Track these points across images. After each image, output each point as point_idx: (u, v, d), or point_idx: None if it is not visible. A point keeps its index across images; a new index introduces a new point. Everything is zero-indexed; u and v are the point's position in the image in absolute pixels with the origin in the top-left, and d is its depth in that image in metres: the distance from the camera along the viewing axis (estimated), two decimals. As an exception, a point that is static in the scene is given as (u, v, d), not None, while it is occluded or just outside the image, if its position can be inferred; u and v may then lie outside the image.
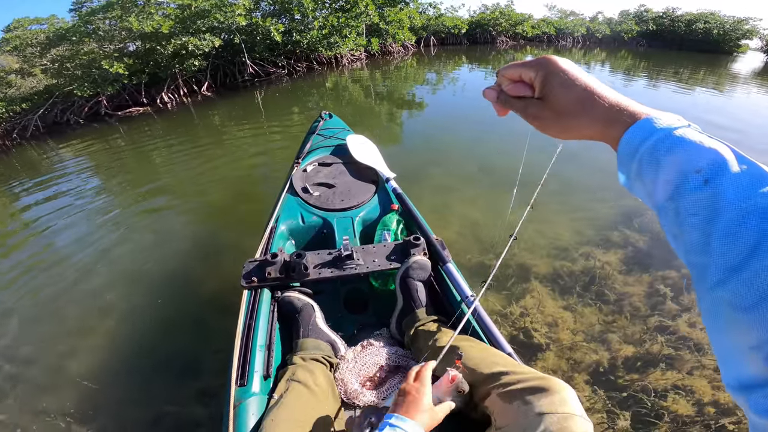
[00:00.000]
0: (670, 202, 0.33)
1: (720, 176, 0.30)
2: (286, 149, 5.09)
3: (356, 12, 11.88)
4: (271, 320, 1.32)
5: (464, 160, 4.40)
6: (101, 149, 6.01)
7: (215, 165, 4.70)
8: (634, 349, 1.89)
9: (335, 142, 2.49)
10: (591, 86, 0.37)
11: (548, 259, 2.53)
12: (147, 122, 7.69)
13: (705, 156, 0.31)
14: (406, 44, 16.06)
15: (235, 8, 9.48)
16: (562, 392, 0.81)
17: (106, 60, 8.17)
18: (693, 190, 0.31)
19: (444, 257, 1.47)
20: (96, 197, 4.06)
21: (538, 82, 0.40)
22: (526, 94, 0.41)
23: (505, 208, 3.16)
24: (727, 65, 17.58)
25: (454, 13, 21.40)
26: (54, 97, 8.33)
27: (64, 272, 2.75)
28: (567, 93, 0.38)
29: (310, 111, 7.06)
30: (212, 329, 2.12)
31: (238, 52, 10.50)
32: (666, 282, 2.28)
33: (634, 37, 26.06)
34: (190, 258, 2.81)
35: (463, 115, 6.55)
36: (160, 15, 8.93)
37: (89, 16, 8.70)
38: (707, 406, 1.68)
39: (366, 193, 1.99)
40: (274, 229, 1.73)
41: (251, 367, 1.13)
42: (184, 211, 3.65)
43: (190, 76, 9.84)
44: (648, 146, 0.34)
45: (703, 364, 1.84)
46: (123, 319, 2.28)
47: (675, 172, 0.32)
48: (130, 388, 1.88)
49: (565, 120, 0.39)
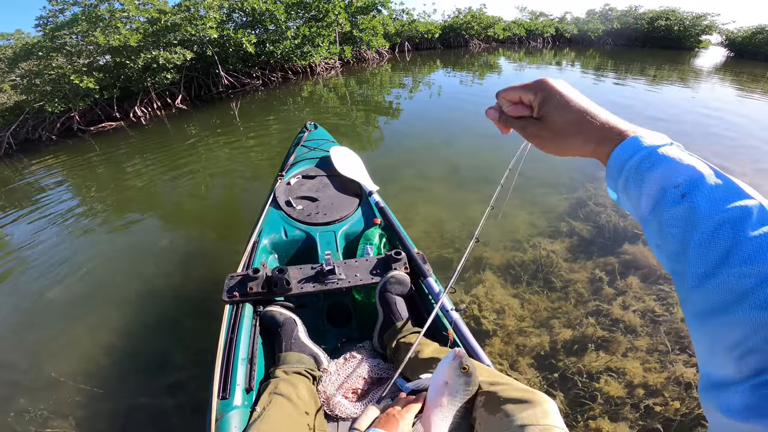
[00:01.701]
0: (652, 215, 0.36)
1: (695, 191, 0.32)
2: (263, 160, 5.18)
3: (328, 21, 12.01)
4: (253, 334, 1.33)
5: (435, 162, 4.57)
6: (75, 165, 5.99)
7: (192, 178, 4.76)
8: (573, 332, 2.05)
9: (319, 154, 2.50)
10: (584, 108, 0.40)
11: (503, 251, 2.70)
12: (121, 137, 7.65)
13: (683, 172, 0.33)
14: (380, 51, 16.23)
15: (206, 21, 9.48)
16: (543, 405, 0.83)
17: (76, 75, 8.07)
18: (671, 204, 0.33)
19: (424, 271, 1.50)
20: (70, 213, 4.08)
21: (536, 104, 0.42)
22: (524, 114, 0.44)
23: (469, 205, 3.34)
24: (689, 61, 18.34)
25: (427, 19, 21.72)
26: (25, 114, 8.21)
27: (39, 285, 2.81)
28: (562, 115, 0.40)
29: (287, 120, 7.14)
30: (187, 332, 2.22)
31: (212, 64, 10.47)
32: (606, 268, 2.47)
33: (600, 36, 26.88)
34: (165, 268, 2.89)
35: (438, 118, 6.77)
36: (127, 29, 8.84)
37: (55, 31, 8.59)
38: (637, 387, 1.80)
39: (349, 206, 2.01)
40: (256, 243, 1.73)
41: (233, 380, 1.13)
42: (160, 224, 3.72)
43: (164, 89, 9.74)
44: (633, 163, 0.36)
45: (636, 346, 1.99)
46: (98, 329, 2.35)
47: (656, 187, 0.35)
48: (107, 385, 1.95)
49: (561, 140, 0.41)
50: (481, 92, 9.33)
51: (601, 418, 1.69)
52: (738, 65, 17.05)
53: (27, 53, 8.58)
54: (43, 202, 4.46)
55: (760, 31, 20.71)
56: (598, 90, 9.29)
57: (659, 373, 1.86)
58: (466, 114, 7.01)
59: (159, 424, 1.79)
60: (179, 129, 7.79)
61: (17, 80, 8.96)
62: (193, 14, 9.48)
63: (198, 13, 9.56)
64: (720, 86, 10.48)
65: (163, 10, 9.36)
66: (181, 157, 5.66)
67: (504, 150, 4.65)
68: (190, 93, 10.49)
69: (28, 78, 8.50)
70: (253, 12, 11.03)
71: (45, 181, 5.34)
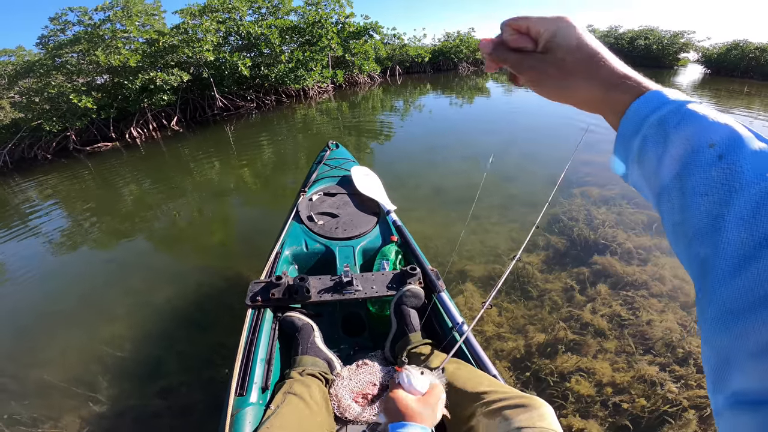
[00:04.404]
0: (675, 181, 0.30)
1: (736, 152, 0.27)
2: (256, 182, 5.39)
3: (321, 46, 12.40)
4: (272, 337, 1.41)
5: (421, 183, 4.79)
6: (70, 185, 6.12)
7: (185, 199, 4.94)
8: (546, 336, 2.21)
9: (341, 173, 2.63)
10: (600, 50, 0.35)
11: (484, 264, 2.87)
12: (116, 157, 7.76)
13: (720, 130, 0.28)
14: (372, 74, 16.67)
15: (203, 43, 9.67)
16: (540, 409, 0.87)
17: (75, 94, 8.15)
18: (705, 166, 0.28)
19: (438, 287, 1.58)
20: (63, 231, 4.26)
21: (546, 36, 0.37)
22: (526, 46, 0.39)
23: (450, 224, 3.53)
24: (669, 79, 19.08)
25: (418, 43, 22.39)
26: (21, 132, 8.23)
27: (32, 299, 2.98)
28: (573, 52, 0.35)
29: (280, 144, 7.37)
30: (181, 341, 2.36)
31: (207, 86, 10.66)
32: (578, 278, 2.66)
33: (583, 56, 27.75)
34: (157, 283, 3.03)
35: (426, 141, 7.03)
36: (127, 49, 8.99)
37: (57, 50, 8.72)
38: (606, 386, 1.94)
39: (367, 224, 2.10)
40: (279, 253, 1.84)
41: (251, 379, 1.21)
42: (151, 244, 3.88)
43: (160, 110, 9.84)
44: (656, 118, 0.31)
45: (605, 348, 2.14)
46: (90, 340, 2.48)
47: (685, 147, 0.29)
48: (101, 391, 2.07)
49: (566, 79, 0.36)
50: (470, 114, 9.70)
51: (572, 416, 1.82)
52: (715, 82, 17.71)
53: (27, 70, 8.66)
54: (38, 220, 4.61)
55: (734, 47, 21.34)
56: (583, 114, 9.67)
57: (626, 373, 2.00)
58: (455, 136, 7.32)
59: (151, 425, 1.91)
60: (174, 151, 7.92)
61: (16, 97, 9.01)
62: (191, 36, 9.65)
63: (196, 36, 9.75)
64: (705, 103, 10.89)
65: (162, 31, 9.54)
66: (175, 179, 5.83)
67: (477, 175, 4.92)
68: (186, 115, 10.60)
69: (27, 96, 8.55)
70: (248, 36, 11.33)
71: (39, 200, 5.50)
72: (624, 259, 2.86)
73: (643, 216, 3.48)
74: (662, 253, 2.92)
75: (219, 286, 2.86)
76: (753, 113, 9.17)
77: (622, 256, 2.89)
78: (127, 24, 9.02)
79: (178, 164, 6.90)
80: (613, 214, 3.54)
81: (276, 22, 11.97)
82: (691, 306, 2.39)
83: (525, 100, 11.89)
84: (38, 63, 8.63)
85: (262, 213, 4.35)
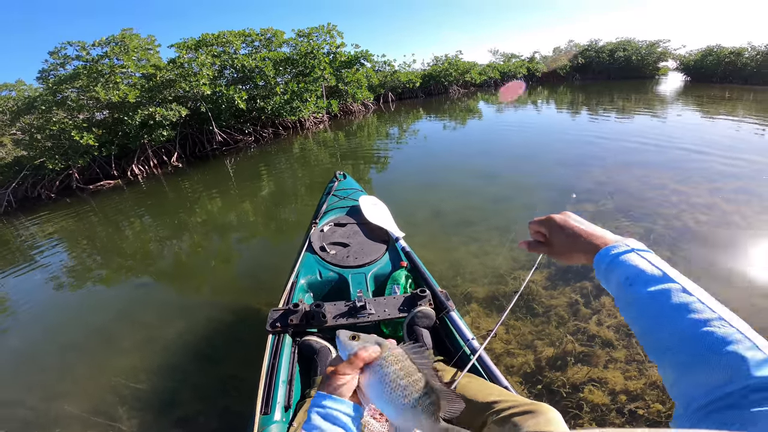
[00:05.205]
0: (617, 300, 0.51)
1: (639, 283, 0.47)
2: (258, 215, 5.51)
3: (314, 76, 12.73)
4: (292, 360, 1.50)
5: (420, 207, 4.90)
6: (75, 224, 6.22)
7: (188, 235, 5.04)
8: (555, 350, 2.27)
9: (349, 203, 2.74)
10: (576, 233, 0.58)
11: (488, 285, 2.95)
12: (119, 195, 7.84)
13: (631, 270, 0.49)
14: (365, 102, 17.02)
15: (200, 77, 9.83)
16: (547, 414, 0.92)
17: (76, 131, 8.22)
18: (625, 292, 0.49)
19: (447, 306, 1.67)
20: (72, 269, 4.36)
21: (547, 234, 0.62)
22: (542, 239, 0.64)
23: (454, 248, 3.63)
24: (652, 88, 19.55)
25: (407, 69, 22.94)
26: (24, 170, 8.26)
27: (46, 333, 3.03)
28: (560, 242, 0.60)
29: (280, 177, 7.48)
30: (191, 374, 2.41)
31: (205, 121, 10.79)
32: (582, 292, 2.74)
33: (569, 72, 28.42)
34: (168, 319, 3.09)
35: (422, 166, 7.22)
36: (125, 84, 9.10)
37: (57, 85, 8.82)
38: (620, 394, 1.97)
39: (377, 251, 2.20)
40: (294, 283, 1.95)
41: (274, 398, 1.30)
42: (158, 279, 3.96)
43: (160, 146, 9.91)
44: (603, 266, 0.52)
45: (614, 357, 2.18)
46: (99, 372, 2.52)
47: (616, 281, 0.50)
48: None
49: (562, 256, 0.60)
50: (464, 136, 9.94)
51: (588, 425, 1.84)
52: (696, 89, 18.04)
53: (29, 106, 8.73)
54: (45, 259, 4.75)
55: (709, 53, 21.85)
56: (575, 125, 10.00)
57: (638, 380, 2.03)
58: (450, 159, 7.51)
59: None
60: (176, 187, 7.99)
61: (18, 134, 9.10)
62: (187, 71, 9.79)
63: (192, 70, 9.89)
64: (689, 112, 11.22)
65: (159, 66, 9.70)
66: (178, 215, 5.94)
67: (482, 196, 5.06)
68: (185, 150, 10.67)
69: (29, 133, 8.61)
70: (243, 69, 11.56)
71: (45, 239, 5.60)
72: (624, 270, 2.94)
73: (639, 228, 3.59)
74: (661, 262, 3.00)
75: (227, 319, 2.93)
76: (738, 118, 9.44)
77: (622, 268, 2.96)
78: (125, 59, 9.18)
79: (180, 200, 7.00)
80: (610, 228, 3.60)
81: (269, 54, 12.30)
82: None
83: (515, 118, 12.21)
84: (39, 98, 8.74)
85: (265, 246, 4.45)
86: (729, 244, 3.27)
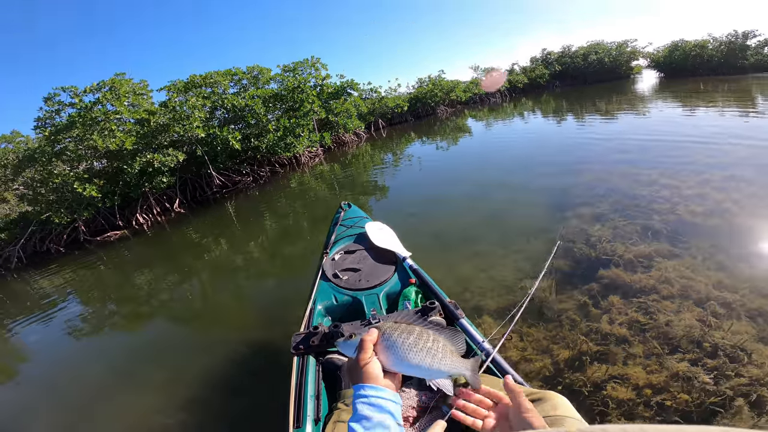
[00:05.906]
0: None
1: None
2: (264, 254, 5.61)
3: (304, 110, 12.97)
4: (317, 378, 1.63)
5: (422, 228, 5.04)
6: (84, 277, 6.32)
7: (197, 280, 5.14)
8: (571, 352, 2.32)
9: (356, 231, 2.92)
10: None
11: (497, 297, 3.01)
12: (125, 245, 7.97)
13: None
14: (357, 132, 17.30)
15: (192, 120, 9.99)
16: (553, 399, 0.96)
17: (78, 182, 8.30)
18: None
19: (457, 315, 1.79)
20: (86, 319, 4.52)
21: None
22: None
23: (456, 265, 3.69)
24: (630, 87, 20.08)
25: (393, 94, 23.49)
26: (32, 225, 8.36)
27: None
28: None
29: (281, 216, 7.58)
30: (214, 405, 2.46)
31: (203, 164, 10.90)
32: (589, 293, 2.81)
33: (549, 81, 29.15)
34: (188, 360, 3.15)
35: (420, 189, 7.44)
36: (121, 131, 9.19)
37: (54, 135, 8.86)
38: (644, 388, 1.99)
39: (387, 272, 2.36)
40: (312, 309, 2.12)
41: (305, 413, 1.43)
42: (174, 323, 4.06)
43: (161, 193, 10.03)
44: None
45: (632, 353, 2.22)
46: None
47: None
48: None
49: None
50: (456, 156, 10.17)
51: (616, 420, 1.86)
52: (672, 85, 18.52)
53: (30, 159, 8.74)
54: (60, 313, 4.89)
55: (675, 48, 22.53)
56: (561, 131, 10.25)
57: (659, 373, 2.05)
58: (445, 177, 7.72)
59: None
60: (180, 233, 8.11)
61: (20, 188, 9.20)
62: (179, 114, 9.91)
63: (184, 113, 10.01)
64: (670, 108, 11.55)
65: (152, 110, 9.83)
66: (185, 261, 6.06)
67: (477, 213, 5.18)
68: (186, 195, 10.78)
69: (32, 186, 8.71)
70: (233, 108, 11.71)
71: (57, 292, 5.73)
72: (628, 268, 3.02)
73: (636, 226, 3.68)
74: (663, 257, 3.08)
75: (244, 352, 3.04)
76: (718, 108, 9.72)
77: (626, 267, 3.04)
78: (117, 105, 9.32)
79: (185, 246, 7.11)
80: (608, 228, 3.74)
81: (258, 92, 12.58)
82: (704, 302, 2.51)
83: (504, 132, 12.51)
84: (39, 150, 8.81)
85: (275, 283, 4.53)
86: (728, 230, 3.36)
